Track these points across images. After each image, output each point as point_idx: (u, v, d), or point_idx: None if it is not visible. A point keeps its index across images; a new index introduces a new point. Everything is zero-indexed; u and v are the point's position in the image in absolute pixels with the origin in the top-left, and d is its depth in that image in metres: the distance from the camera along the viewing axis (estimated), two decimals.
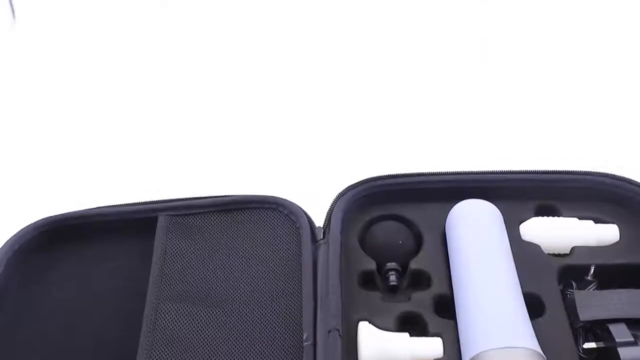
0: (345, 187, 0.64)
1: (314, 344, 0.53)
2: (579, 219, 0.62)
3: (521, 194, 0.64)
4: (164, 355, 0.55)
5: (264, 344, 0.55)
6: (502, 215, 0.61)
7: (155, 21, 1.02)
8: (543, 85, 0.90)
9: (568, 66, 0.92)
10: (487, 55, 0.95)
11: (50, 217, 0.64)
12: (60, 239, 0.64)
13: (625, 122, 0.84)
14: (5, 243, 0.62)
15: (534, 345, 0.50)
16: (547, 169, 0.64)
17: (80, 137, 0.86)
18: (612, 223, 0.62)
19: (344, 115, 0.87)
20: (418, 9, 1.02)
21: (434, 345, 0.54)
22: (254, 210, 0.64)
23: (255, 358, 0.54)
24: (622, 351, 0.51)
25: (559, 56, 0.94)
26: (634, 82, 0.89)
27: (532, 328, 0.52)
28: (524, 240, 0.61)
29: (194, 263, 0.61)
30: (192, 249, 0.62)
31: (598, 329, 0.54)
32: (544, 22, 0.99)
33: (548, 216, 0.63)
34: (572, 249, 0.60)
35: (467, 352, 0.52)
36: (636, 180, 0.63)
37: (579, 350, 0.54)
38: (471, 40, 0.97)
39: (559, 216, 0.63)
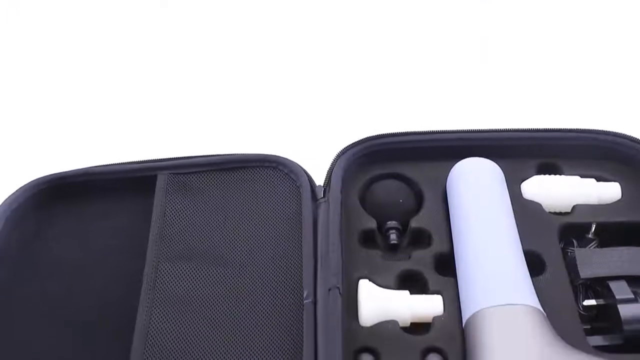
0: (346, 145, 0.64)
1: (314, 302, 0.53)
2: (581, 177, 0.62)
3: (523, 152, 0.63)
4: (164, 314, 0.55)
5: (264, 302, 0.55)
6: (504, 173, 0.61)
7: None
8: (545, 42, 0.89)
9: (571, 22, 0.91)
10: (488, 11, 0.93)
11: (49, 175, 0.64)
12: (59, 197, 0.63)
13: (628, 79, 0.83)
14: (4, 201, 0.62)
15: (534, 302, 0.51)
16: (549, 127, 0.64)
17: (79, 95, 0.85)
18: (614, 181, 0.61)
19: (344, 73, 0.86)
20: None
21: (434, 302, 0.54)
22: (254, 169, 0.64)
23: (255, 316, 0.54)
24: (622, 308, 0.51)
25: (562, 11, 0.93)
26: (637, 40, 0.88)
27: (532, 285, 0.52)
28: (525, 199, 0.61)
29: (193, 222, 0.61)
30: (191, 207, 0.62)
31: (598, 286, 0.54)
32: None
33: (550, 174, 0.62)
34: (574, 207, 0.60)
35: (467, 309, 0.52)
36: (639, 137, 0.62)
37: (578, 307, 0.54)
38: None
39: (560, 174, 0.62)
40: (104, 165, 0.64)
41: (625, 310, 0.51)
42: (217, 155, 0.65)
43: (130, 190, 0.63)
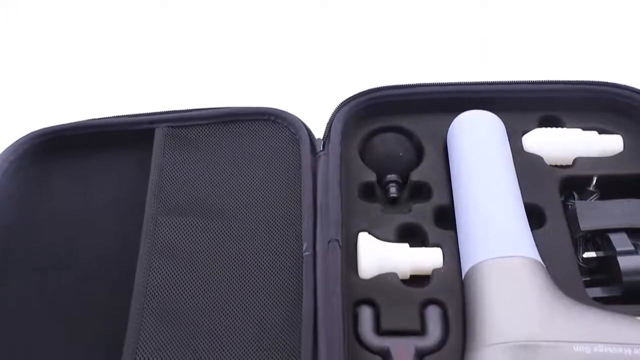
0: (346, 98, 0.63)
1: (314, 255, 0.53)
2: (583, 129, 0.61)
3: (525, 104, 0.63)
4: (163, 267, 0.55)
5: (263, 255, 0.55)
6: (505, 126, 0.60)
7: None
8: None
9: None
10: None
11: (46, 128, 0.63)
12: (57, 150, 0.63)
13: (631, 31, 0.82)
14: (1, 155, 0.61)
15: (534, 254, 0.51)
16: (551, 79, 0.63)
17: (77, 48, 0.84)
18: (616, 133, 0.61)
19: (344, 24, 0.85)
20: None
21: (434, 255, 0.54)
22: (253, 122, 0.63)
23: (255, 268, 0.54)
24: (622, 260, 0.51)
25: None
26: None
27: (532, 238, 0.52)
28: (526, 152, 0.60)
29: (192, 175, 0.60)
30: (190, 161, 0.61)
31: (598, 238, 0.55)
32: None
33: (551, 127, 0.62)
34: (575, 159, 0.60)
35: (466, 261, 0.52)
36: None
37: (578, 259, 0.54)
38: None
39: (562, 127, 0.62)
40: (101, 119, 0.64)
41: (625, 262, 0.51)
42: (216, 108, 0.64)
43: (128, 144, 0.63)
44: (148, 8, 0.89)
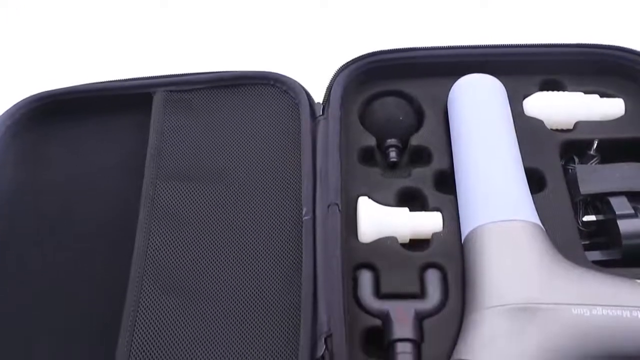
0: (345, 62, 0.62)
1: (313, 219, 0.53)
2: (584, 93, 0.61)
3: (526, 68, 0.62)
4: (163, 231, 0.55)
5: (262, 219, 0.55)
6: (506, 90, 0.60)
7: None
8: None
9: None
10: None
11: (43, 92, 0.63)
12: (54, 114, 0.63)
13: None
14: None
15: (534, 218, 0.51)
16: (552, 42, 0.62)
17: (75, 12, 0.83)
18: (618, 97, 0.60)
19: None
20: None
21: (434, 219, 0.54)
22: (252, 87, 0.63)
23: (254, 233, 0.54)
24: (621, 223, 0.51)
25: None
26: None
27: (532, 202, 0.52)
28: (527, 116, 0.60)
29: (191, 139, 0.60)
30: (189, 125, 0.61)
31: (598, 202, 0.54)
32: None
33: (553, 91, 0.61)
34: (576, 123, 0.59)
35: (466, 225, 0.52)
36: None
37: (578, 223, 0.54)
38: None
39: (563, 91, 0.61)
40: (99, 83, 0.63)
41: (625, 226, 0.51)
42: (215, 72, 0.64)
43: (127, 108, 0.63)
44: None
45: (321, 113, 0.60)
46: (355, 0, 0.82)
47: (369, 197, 0.56)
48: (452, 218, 0.54)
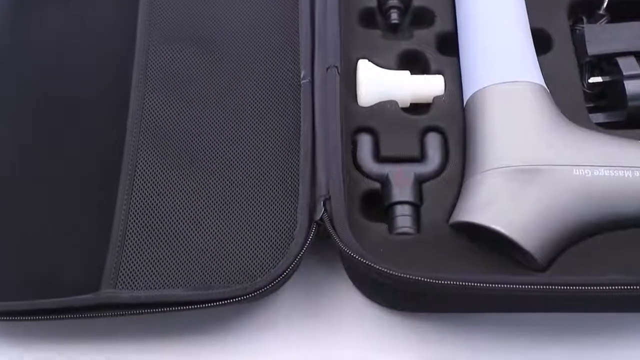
0: None
1: (312, 82, 0.52)
2: None
3: None
4: (157, 96, 0.54)
5: (259, 82, 0.54)
6: None
7: None
8: None
9: None
10: None
11: None
12: None
13: None
14: None
15: (538, 79, 0.49)
16: None
17: None
18: None
19: None
20: None
21: (435, 82, 0.53)
22: None
23: (251, 96, 0.54)
24: (628, 84, 0.50)
25: None
26: None
27: (537, 62, 0.51)
28: None
29: (186, 2, 0.58)
30: None
31: (605, 64, 0.53)
32: None
33: None
34: None
35: (469, 88, 0.51)
36: None
37: (583, 85, 0.53)
38: None
39: None
40: None
41: (632, 86, 0.50)
42: None
43: None
44: None
45: None
46: None
47: (369, 60, 0.54)
48: (454, 81, 0.53)
